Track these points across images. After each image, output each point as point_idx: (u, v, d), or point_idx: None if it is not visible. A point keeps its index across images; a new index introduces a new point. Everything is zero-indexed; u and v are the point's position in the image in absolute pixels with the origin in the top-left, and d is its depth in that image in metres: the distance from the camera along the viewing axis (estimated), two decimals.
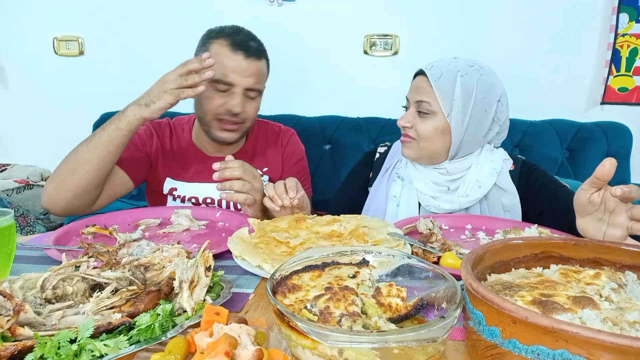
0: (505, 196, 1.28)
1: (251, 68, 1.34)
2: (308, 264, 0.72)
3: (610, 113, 2.39)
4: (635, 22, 2.30)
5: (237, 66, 1.32)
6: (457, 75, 1.21)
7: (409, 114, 1.28)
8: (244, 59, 1.33)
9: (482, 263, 0.68)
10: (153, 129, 1.48)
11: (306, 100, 2.53)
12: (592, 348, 0.44)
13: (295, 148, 1.61)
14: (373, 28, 2.48)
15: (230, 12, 2.49)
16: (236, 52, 1.32)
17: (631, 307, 0.57)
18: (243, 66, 1.33)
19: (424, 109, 1.23)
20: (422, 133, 1.24)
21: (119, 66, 2.60)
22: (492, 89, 1.23)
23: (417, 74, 1.29)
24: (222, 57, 1.31)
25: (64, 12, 2.59)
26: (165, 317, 0.61)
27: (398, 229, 1.02)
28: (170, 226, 1.16)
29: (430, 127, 1.23)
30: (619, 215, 0.82)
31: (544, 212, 1.22)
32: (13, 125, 2.77)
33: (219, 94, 1.34)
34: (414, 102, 1.26)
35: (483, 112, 1.22)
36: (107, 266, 0.75)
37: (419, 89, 1.25)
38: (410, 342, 0.51)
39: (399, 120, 1.28)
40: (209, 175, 1.43)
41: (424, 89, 1.23)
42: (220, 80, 1.31)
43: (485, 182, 1.27)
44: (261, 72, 1.39)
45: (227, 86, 1.33)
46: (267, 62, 1.44)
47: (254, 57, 1.35)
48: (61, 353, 0.53)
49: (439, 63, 1.26)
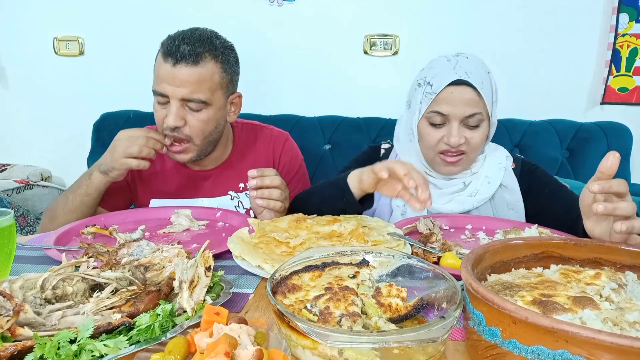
0: (507, 193, 1.27)
1: (181, 76, 1.19)
2: (308, 264, 0.72)
3: (610, 113, 2.39)
4: (635, 22, 2.30)
5: (166, 75, 1.20)
6: (488, 75, 1.19)
7: (458, 131, 1.17)
8: (172, 66, 1.20)
9: (482, 263, 0.68)
10: None
11: (306, 100, 2.53)
12: (593, 348, 0.44)
13: (292, 154, 1.52)
14: (373, 28, 2.47)
15: (230, 12, 2.49)
16: (166, 60, 1.21)
17: (631, 307, 0.57)
18: (172, 74, 1.20)
19: (475, 121, 1.17)
20: (476, 145, 1.19)
21: (119, 66, 2.60)
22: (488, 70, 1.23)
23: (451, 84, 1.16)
24: (157, 66, 1.24)
25: (64, 12, 2.59)
26: (165, 317, 0.61)
27: (398, 229, 1.02)
28: (170, 226, 1.16)
29: (482, 136, 1.19)
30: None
31: (543, 211, 1.22)
32: (13, 125, 2.77)
33: (161, 106, 1.26)
34: (463, 117, 1.16)
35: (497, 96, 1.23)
36: (107, 266, 0.75)
37: (467, 101, 1.15)
38: (410, 342, 0.51)
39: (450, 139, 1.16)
40: (193, 190, 1.43)
41: (472, 100, 1.15)
42: (155, 90, 1.24)
43: (494, 178, 1.26)
44: (198, 78, 1.21)
45: (164, 98, 1.23)
46: (219, 66, 1.26)
47: (184, 62, 1.19)
48: (61, 353, 0.53)
49: (466, 67, 1.16)
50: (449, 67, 1.18)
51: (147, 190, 1.45)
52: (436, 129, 1.21)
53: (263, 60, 2.53)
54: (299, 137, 2.23)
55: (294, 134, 2.24)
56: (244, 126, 1.52)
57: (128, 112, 2.43)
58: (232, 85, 1.35)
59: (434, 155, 1.24)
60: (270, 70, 2.55)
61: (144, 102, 2.16)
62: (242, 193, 1.46)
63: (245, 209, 1.45)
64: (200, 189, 1.44)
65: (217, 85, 1.27)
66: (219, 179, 1.44)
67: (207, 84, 1.24)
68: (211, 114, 1.28)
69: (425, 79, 1.22)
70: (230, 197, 1.44)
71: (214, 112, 1.28)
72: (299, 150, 1.57)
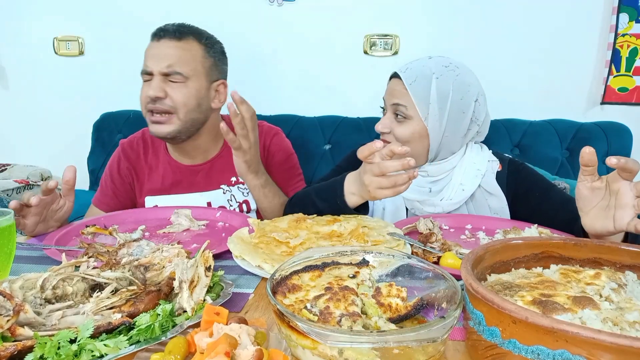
0: (492, 199, 1.26)
1: (165, 50, 1.29)
2: (308, 264, 0.72)
3: (610, 113, 2.39)
4: (635, 22, 2.30)
5: (151, 52, 1.31)
6: (432, 78, 1.19)
7: (386, 119, 1.25)
8: (157, 41, 1.31)
9: (482, 263, 0.68)
10: (122, 155, 1.47)
11: (306, 100, 2.53)
12: (592, 348, 0.44)
13: (281, 147, 1.54)
14: (373, 28, 2.47)
15: (231, 12, 2.48)
16: (152, 40, 1.32)
17: (631, 307, 0.57)
18: (157, 50, 1.30)
19: (401, 113, 1.21)
20: (401, 138, 1.22)
21: (119, 66, 2.60)
22: (469, 88, 1.21)
23: (392, 77, 1.26)
24: (145, 50, 1.32)
25: (64, 12, 2.59)
26: (165, 317, 0.61)
27: (398, 229, 1.02)
28: (170, 226, 1.16)
29: (408, 132, 1.21)
30: (625, 195, 0.81)
31: (535, 213, 1.20)
32: (13, 125, 2.77)
33: (146, 85, 1.32)
34: (390, 105, 1.24)
35: (460, 113, 1.21)
36: (107, 266, 0.75)
37: (395, 92, 1.23)
38: (410, 342, 0.51)
39: (377, 126, 1.26)
40: (186, 186, 1.45)
41: (400, 92, 1.21)
42: (143, 71, 1.31)
43: (469, 185, 1.25)
44: (179, 53, 1.30)
45: (149, 75, 1.31)
46: (203, 48, 1.35)
47: (167, 37, 1.30)
48: (61, 353, 0.53)
49: (413, 65, 1.24)
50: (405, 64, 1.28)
51: (142, 188, 1.46)
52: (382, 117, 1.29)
53: (263, 60, 2.53)
54: (299, 137, 2.24)
55: (294, 134, 2.25)
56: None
57: (128, 112, 2.43)
58: (216, 71, 1.40)
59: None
60: (270, 70, 2.55)
61: None
62: (235, 187, 1.47)
63: (238, 202, 1.46)
64: (192, 183, 1.45)
65: (198, 64, 1.34)
66: (210, 173, 1.46)
67: (189, 60, 1.31)
68: (192, 90, 1.33)
69: None
70: (223, 190, 1.46)
71: (195, 89, 1.34)
72: (289, 144, 1.58)
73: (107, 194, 1.45)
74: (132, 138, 1.50)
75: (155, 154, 1.47)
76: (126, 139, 1.50)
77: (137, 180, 1.46)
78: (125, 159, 1.46)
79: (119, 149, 1.48)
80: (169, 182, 1.45)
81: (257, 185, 1.29)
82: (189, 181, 1.45)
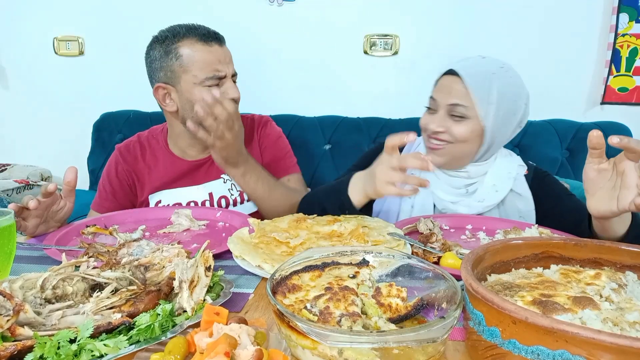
0: (520, 201, 1.26)
1: (227, 53, 1.35)
2: (308, 264, 0.72)
3: (610, 113, 2.39)
4: (635, 22, 2.30)
5: (219, 55, 1.31)
6: (492, 78, 1.17)
7: (440, 117, 1.19)
8: (220, 47, 1.33)
9: (482, 263, 0.68)
10: (120, 158, 1.48)
11: (306, 100, 2.53)
12: (592, 348, 0.44)
13: (270, 132, 1.56)
14: (373, 28, 2.47)
15: (231, 12, 2.49)
16: (211, 44, 1.31)
17: (631, 307, 0.57)
18: (223, 53, 1.33)
19: (459, 113, 1.17)
20: (459, 137, 1.18)
21: (119, 66, 2.60)
22: (521, 91, 1.22)
23: (446, 73, 1.21)
24: (200, 55, 1.29)
25: (64, 12, 2.59)
26: (165, 317, 0.61)
27: (398, 229, 1.02)
28: (171, 226, 1.16)
29: (467, 131, 1.18)
30: (629, 175, 0.84)
31: (548, 216, 1.22)
32: (13, 125, 2.77)
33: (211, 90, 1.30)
34: (447, 105, 1.18)
35: (512, 115, 1.20)
36: (107, 266, 0.75)
37: (453, 90, 1.18)
38: (410, 343, 0.51)
39: (430, 124, 1.20)
40: (190, 179, 1.46)
41: (459, 91, 1.17)
42: (213, 76, 1.29)
43: (502, 187, 1.25)
44: (230, 55, 1.38)
45: (218, 80, 1.31)
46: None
47: (223, 43, 1.35)
48: (61, 353, 0.53)
49: (470, 63, 1.20)
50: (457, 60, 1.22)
51: (143, 188, 1.47)
52: (428, 114, 1.24)
53: (263, 60, 2.53)
54: (299, 137, 2.24)
55: (294, 134, 2.25)
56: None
57: (128, 112, 2.43)
58: None
59: (426, 140, 1.27)
60: (271, 70, 2.55)
61: (144, 102, 2.16)
62: None
63: (239, 191, 1.48)
64: (194, 177, 1.47)
65: None
66: (212, 166, 1.47)
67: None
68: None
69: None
70: (223, 180, 1.47)
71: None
72: (278, 128, 1.60)
73: (106, 198, 1.46)
74: (127, 142, 1.51)
75: (153, 154, 1.48)
76: (121, 144, 1.51)
77: (137, 181, 1.47)
78: (123, 161, 1.47)
79: (115, 153, 1.49)
80: (171, 177, 1.46)
81: (236, 174, 1.31)
82: (191, 175, 1.47)
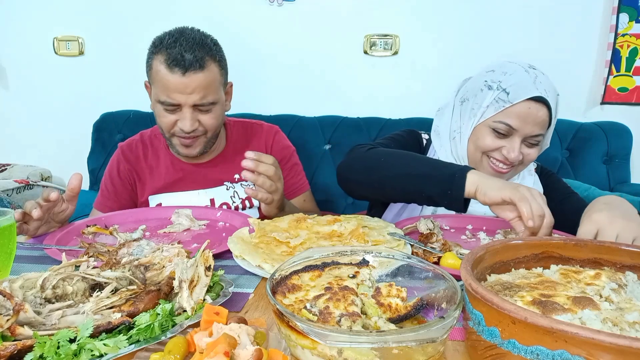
0: None
1: (192, 83, 1.24)
2: (308, 264, 0.72)
3: (610, 113, 2.39)
4: (635, 22, 2.30)
5: (177, 85, 1.24)
6: (557, 97, 1.18)
7: (517, 144, 1.14)
8: (181, 76, 1.23)
9: (482, 263, 0.68)
10: (122, 157, 1.48)
11: (306, 100, 2.53)
12: (592, 348, 0.44)
13: (283, 146, 1.55)
14: (373, 28, 2.48)
15: (231, 12, 2.49)
16: (173, 70, 1.23)
17: (631, 307, 0.57)
18: (183, 83, 1.24)
19: (536, 141, 1.15)
20: (529, 161, 1.19)
21: (119, 66, 2.60)
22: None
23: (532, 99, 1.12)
24: (161, 77, 1.25)
25: (64, 12, 2.59)
26: (164, 317, 0.61)
27: (398, 229, 1.02)
28: (171, 226, 1.16)
29: (537, 154, 1.19)
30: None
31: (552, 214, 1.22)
32: (13, 126, 2.77)
33: (168, 112, 1.29)
34: (528, 135, 1.14)
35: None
36: (107, 266, 0.75)
37: (539, 121, 1.13)
38: (410, 343, 0.51)
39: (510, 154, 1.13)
40: (190, 183, 1.46)
41: (544, 121, 1.13)
42: (165, 102, 1.27)
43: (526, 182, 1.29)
44: (206, 83, 1.27)
45: (174, 106, 1.28)
46: (218, 65, 1.31)
47: (192, 70, 1.23)
48: (61, 352, 0.53)
49: (545, 83, 1.14)
50: (529, 79, 1.13)
51: (144, 188, 1.47)
52: (496, 138, 1.16)
53: (263, 60, 2.53)
54: (299, 137, 2.25)
55: (294, 134, 2.26)
56: (235, 123, 1.55)
57: (128, 112, 2.44)
58: (226, 77, 1.41)
59: (482, 158, 1.22)
60: (270, 70, 2.55)
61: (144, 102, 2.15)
62: (237, 184, 1.48)
63: (241, 199, 1.47)
64: (195, 181, 1.46)
65: (219, 83, 1.33)
66: (213, 171, 1.47)
67: (214, 86, 1.30)
68: (219, 110, 1.36)
69: (500, 83, 1.15)
70: (226, 187, 1.47)
71: (220, 108, 1.37)
72: (289, 142, 1.61)
73: (109, 197, 1.46)
74: (130, 141, 1.51)
75: (155, 154, 1.48)
76: (124, 142, 1.51)
77: (138, 180, 1.47)
78: (125, 161, 1.46)
79: (118, 152, 1.49)
80: (171, 180, 1.45)
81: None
82: (192, 178, 1.46)
